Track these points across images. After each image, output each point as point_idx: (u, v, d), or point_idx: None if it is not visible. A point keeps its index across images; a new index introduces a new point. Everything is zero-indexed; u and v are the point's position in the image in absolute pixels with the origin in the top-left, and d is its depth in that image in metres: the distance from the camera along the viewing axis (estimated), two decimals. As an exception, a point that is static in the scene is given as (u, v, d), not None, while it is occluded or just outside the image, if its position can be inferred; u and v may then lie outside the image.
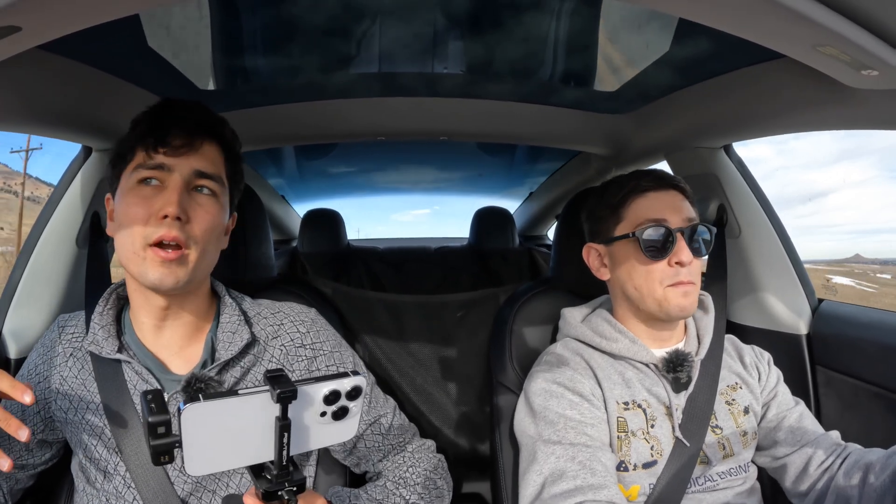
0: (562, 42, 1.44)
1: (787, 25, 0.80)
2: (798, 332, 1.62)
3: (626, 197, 1.32)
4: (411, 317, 2.16)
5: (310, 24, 1.32)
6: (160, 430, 0.70)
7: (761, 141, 1.77)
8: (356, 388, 0.77)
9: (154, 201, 1.05)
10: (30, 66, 1.15)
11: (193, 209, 1.08)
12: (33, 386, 1.17)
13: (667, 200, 1.29)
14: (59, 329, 1.23)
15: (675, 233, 1.24)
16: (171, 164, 1.07)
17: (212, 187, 1.12)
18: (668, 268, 1.25)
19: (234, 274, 1.24)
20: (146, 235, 1.03)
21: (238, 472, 1.14)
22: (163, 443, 0.70)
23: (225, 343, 1.16)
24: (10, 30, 0.75)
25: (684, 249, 1.23)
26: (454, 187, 4.00)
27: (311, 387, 0.74)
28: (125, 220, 1.06)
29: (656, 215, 1.27)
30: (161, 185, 1.07)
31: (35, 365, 1.20)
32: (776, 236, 1.69)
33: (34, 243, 1.54)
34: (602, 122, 1.95)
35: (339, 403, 0.76)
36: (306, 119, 1.92)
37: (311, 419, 0.77)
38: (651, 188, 1.30)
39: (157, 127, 1.08)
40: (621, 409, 1.26)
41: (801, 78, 1.18)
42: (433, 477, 1.24)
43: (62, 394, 1.16)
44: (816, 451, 1.28)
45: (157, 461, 0.71)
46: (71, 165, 1.59)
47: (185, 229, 1.05)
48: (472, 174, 3.51)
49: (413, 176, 3.61)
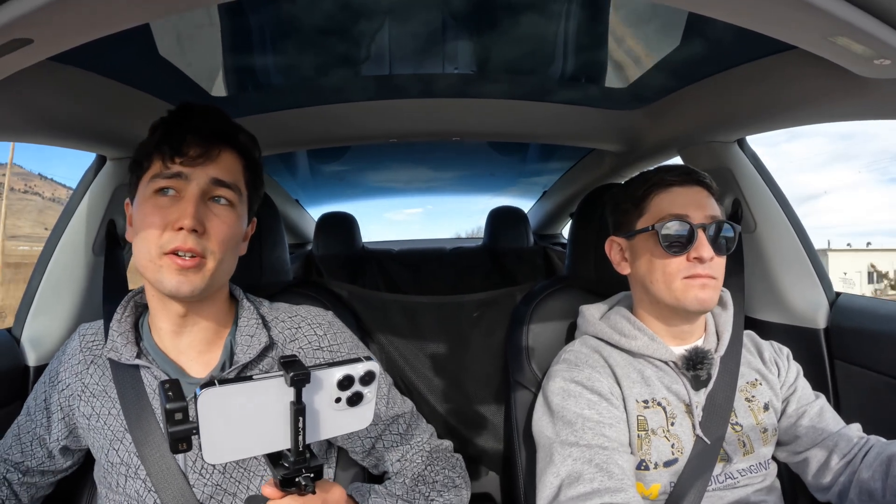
0: (572, 39, 1.44)
1: (798, 16, 0.80)
2: (816, 326, 1.60)
3: (649, 190, 1.31)
4: (427, 318, 2.16)
5: (319, 28, 1.33)
6: (177, 417, 0.70)
7: (755, 142, 1.76)
8: (369, 372, 0.77)
9: (170, 211, 1.05)
10: (43, 77, 1.16)
11: (210, 220, 1.08)
12: (56, 393, 1.19)
13: (690, 196, 1.27)
14: (80, 337, 1.24)
15: (696, 229, 1.23)
16: (187, 173, 1.06)
17: (229, 197, 1.12)
18: (687, 262, 1.24)
19: (250, 278, 1.25)
20: (162, 244, 1.04)
21: (258, 475, 1.14)
22: (180, 429, 0.71)
23: (243, 346, 1.16)
24: (22, 42, 0.76)
25: (704, 245, 1.22)
26: (467, 187, 4.02)
27: (325, 371, 0.75)
28: (142, 229, 1.06)
29: (678, 210, 1.26)
30: (177, 195, 1.07)
31: (56, 372, 1.22)
32: (792, 230, 1.67)
33: (51, 252, 1.56)
34: (614, 118, 1.94)
35: (353, 389, 0.77)
36: (318, 123, 1.93)
37: (327, 405, 0.77)
38: (675, 183, 1.29)
39: (172, 135, 1.08)
40: (641, 407, 1.25)
41: (813, 69, 1.17)
42: (452, 475, 1.24)
43: (84, 401, 1.17)
44: (838, 444, 1.27)
45: (175, 449, 0.71)
46: (86, 174, 1.60)
47: (201, 240, 1.05)
48: (483, 173, 3.52)
49: (422, 175, 3.62)
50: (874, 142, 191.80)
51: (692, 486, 1.20)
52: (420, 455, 1.27)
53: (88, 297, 1.60)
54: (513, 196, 4.04)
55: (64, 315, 1.56)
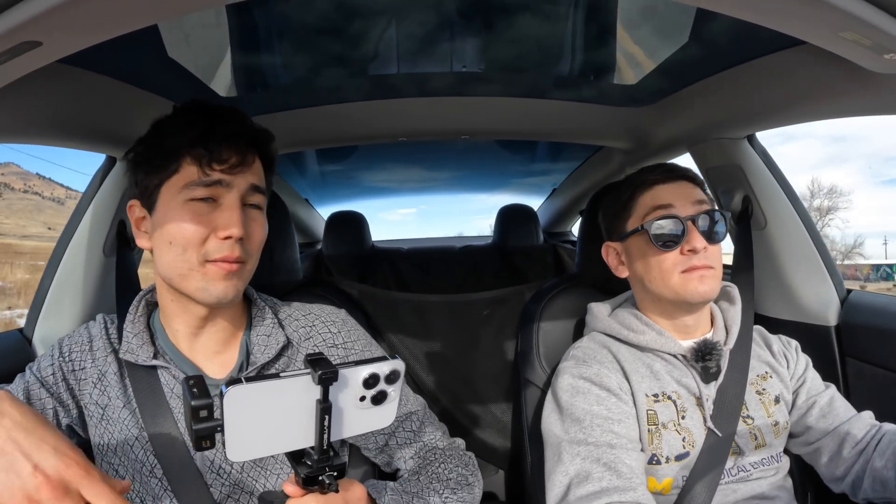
0: (580, 36, 1.44)
1: (806, 11, 0.80)
2: (827, 323, 1.60)
3: (634, 192, 1.33)
4: (437, 316, 2.17)
5: (328, 28, 1.34)
6: (202, 414, 0.70)
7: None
8: (394, 371, 0.77)
9: (211, 219, 1.04)
10: (52, 79, 1.17)
11: (249, 226, 1.08)
12: (69, 372, 1.16)
13: (674, 190, 1.29)
14: (103, 325, 1.23)
15: (684, 221, 1.23)
16: (228, 180, 1.06)
17: (260, 202, 1.13)
18: (681, 255, 1.24)
19: (262, 278, 1.26)
20: (206, 253, 1.04)
21: (274, 473, 1.14)
22: (205, 426, 0.70)
23: (260, 346, 1.17)
24: (31, 45, 0.76)
25: (695, 236, 1.23)
26: (465, 185, 4.02)
27: (351, 370, 0.75)
28: (178, 237, 1.04)
29: (663, 204, 1.27)
30: (214, 202, 1.06)
31: (70, 350, 1.19)
32: (803, 227, 1.66)
33: (62, 252, 1.57)
34: (623, 115, 1.94)
35: (378, 388, 0.77)
36: (327, 122, 1.94)
37: (351, 404, 0.77)
38: (658, 181, 1.31)
39: (208, 140, 1.05)
40: (651, 401, 1.25)
41: (823, 64, 1.16)
42: (465, 473, 1.24)
43: (99, 390, 1.16)
44: (849, 433, 1.27)
45: (199, 446, 0.71)
46: (96, 175, 1.61)
47: (243, 246, 1.06)
48: (493, 172, 3.51)
49: (435, 174, 3.62)
50: (866, 144, 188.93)
51: (704, 479, 1.20)
52: (433, 452, 1.27)
53: (99, 298, 1.61)
54: (521, 194, 4.04)
55: (75, 315, 1.57)
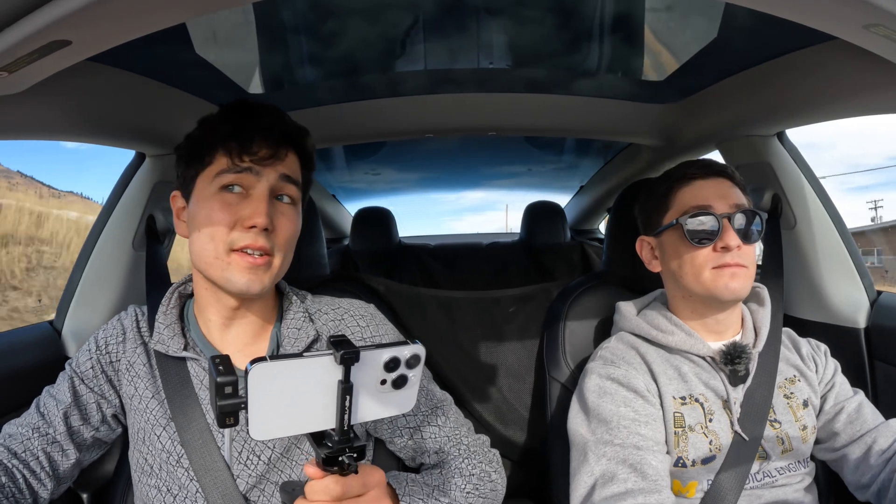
0: (608, 32, 1.43)
1: (836, 6, 0.79)
2: (856, 325, 1.57)
3: (671, 186, 1.32)
4: (463, 313, 2.16)
5: (355, 23, 1.35)
6: (227, 391, 0.71)
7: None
8: (415, 355, 0.78)
9: (238, 209, 1.06)
10: (82, 77, 1.19)
11: (277, 218, 1.09)
12: (107, 364, 1.20)
13: (712, 187, 1.27)
14: (134, 317, 1.25)
15: (720, 219, 1.22)
16: (258, 169, 1.08)
17: (293, 194, 1.14)
18: (714, 252, 1.23)
19: (289, 272, 1.28)
20: (230, 242, 1.05)
21: (300, 465, 1.14)
22: (229, 403, 0.72)
23: (291, 339, 1.18)
24: (61, 44, 0.78)
25: (730, 234, 1.21)
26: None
27: (373, 352, 0.75)
28: (206, 225, 1.07)
29: (701, 202, 1.26)
30: (244, 192, 1.08)
31: (106, 342, 1.22)
32: (833, 227, 1.64)
33: (91, 246, 1.61)
34: (651, 112, 1.92)
35: (399, 371, 0.77)
36: (355, 119, 1.95)
37: (372, 387, 0.78)
38: (697, 176, 1.29)
39: (241, 133, 1.08)
40: (678, 403, 1.24)
41: (852, 60, 1.14)
42: (488, 470, 1.24)
43: (128, 380, 1.19)
44: (877, 440, 1.25)
45: (223, 423, 0.73)
46: (125, 171, 1.65)
47: (270, 238, 1.07)
48: (521, 170, 3.51)
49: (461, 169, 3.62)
50: (832, 151, 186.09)
51: (730, 483, 1.19)
52: (458, 448, 1.27)
53: (128, 291, 1.64)
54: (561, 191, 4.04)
55: (104, 308, 1.61)
